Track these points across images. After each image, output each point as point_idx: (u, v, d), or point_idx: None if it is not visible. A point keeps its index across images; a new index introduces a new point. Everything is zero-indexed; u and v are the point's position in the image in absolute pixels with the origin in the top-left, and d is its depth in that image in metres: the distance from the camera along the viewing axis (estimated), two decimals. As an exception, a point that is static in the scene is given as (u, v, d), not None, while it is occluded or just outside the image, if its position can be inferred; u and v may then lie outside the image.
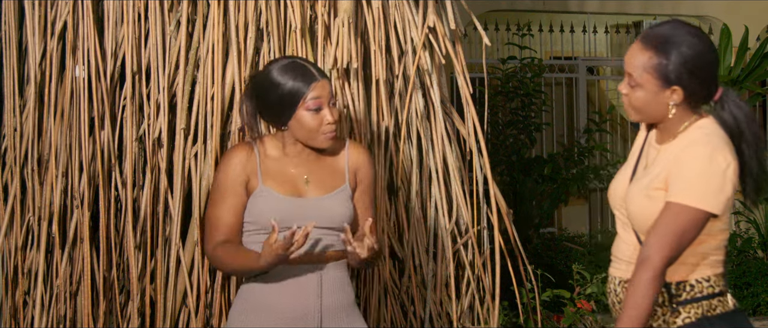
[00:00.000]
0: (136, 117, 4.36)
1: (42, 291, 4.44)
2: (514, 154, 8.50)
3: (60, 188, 4.40)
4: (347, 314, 3.34)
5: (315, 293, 3.26)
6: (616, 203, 2.94)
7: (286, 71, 3.24)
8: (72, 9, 4.38)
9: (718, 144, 2.74)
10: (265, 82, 3.25)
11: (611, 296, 2.95)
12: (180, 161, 4.28)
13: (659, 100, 2.78)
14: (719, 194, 2.71)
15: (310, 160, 3.31)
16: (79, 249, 4.36)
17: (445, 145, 4.64)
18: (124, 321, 4.36)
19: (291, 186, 3.26)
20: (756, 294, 7.02)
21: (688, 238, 2.72)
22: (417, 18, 4.53)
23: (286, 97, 3.21)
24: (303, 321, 3.25)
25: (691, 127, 2.80)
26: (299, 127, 3.23)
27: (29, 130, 4.48)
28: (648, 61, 2.76)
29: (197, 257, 4.23)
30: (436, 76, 4.61)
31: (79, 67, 4.38)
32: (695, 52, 2.74)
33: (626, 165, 2.99)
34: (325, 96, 3.22)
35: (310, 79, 3.22)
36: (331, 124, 3.23)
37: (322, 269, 3.28)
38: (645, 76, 2.77)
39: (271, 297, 3.25)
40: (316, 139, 3.25)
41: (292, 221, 3.17)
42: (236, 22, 4.23)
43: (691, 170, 2.71)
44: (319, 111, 3.22)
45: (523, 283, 4.89)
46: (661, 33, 2.77)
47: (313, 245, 3.24)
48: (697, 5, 10.52)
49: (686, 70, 2.73)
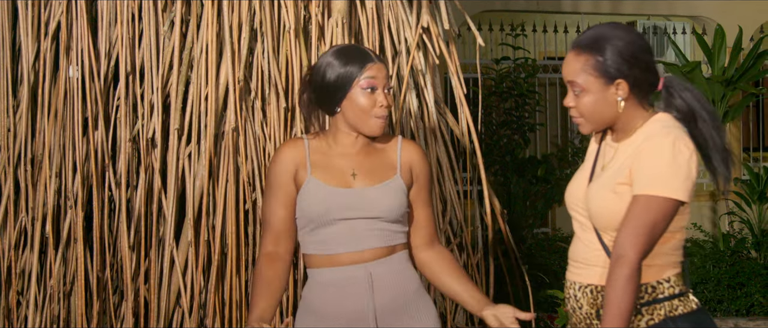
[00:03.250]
0: (130, 117, 4.36)
1: (35, 291, 4.43)
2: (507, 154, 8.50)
3: (53, 188, 4.40)
4: (408, 307, 3.24)
5: (366, 293, 3.18)
6: (574, 204, 2.93)
7: (342, 52, 3.22)
8: (66, 9, 4.38)
9: (679, 134, 2.77)
10: (322, 64, 3.21)
11: (570, 301, 2.92)
12: (174, 161, 4.28)
13: (607, 98, 2.82)
14: (686, 181, 2.73)
15: (360, 153, 3.25)
16: (73, 249, 4.35)
17: (438, 146, 4.64)
18: (117, 321, 4.36)
19: (338, 178, 3.20)
20: (750, 294, 7.03)
21: (659, 229, 2.73)
22: (411, 18, 4.53)
23: (341, 75, 3.16)
24: (356, 321, 3.18)
25: (648, 122, 2.83)
26: (352, 107, 3.17)
27: (23, 131, 4.48)
28: (585, 63, 2.80)
29: (191, 257, 4.23)
30: (429, 76, 4.61)
31: (73, 67, 4.38)
32: (627, 42, 2.78)
33: (583, 167, 3.00)
34: (380, 78, 3.18)
35: (366, 60, 3.18)
36: (384, 108, 3.18)
37: (372, 266, 3.19)
38: (587, 79, 2.81)
39: (322, 301, 3.19)
40: (367, 122, 3.18)
41: (336, 212, 3.14)
42: (230, 22, 4.23)
43: (655, 160, 2.73)
44: (373, 92, 3.17)
45: (516, 283, 4.89)
46: (589, 35, 2.83)
47: (360, 242, 3.18)
48: (691, 5, 10.54)
49: (624, 60, 2.78)
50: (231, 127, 4.23)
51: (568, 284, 2.95)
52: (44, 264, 4.49)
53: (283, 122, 4.27)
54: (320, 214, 3.16)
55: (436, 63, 4.60)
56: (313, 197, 3.18)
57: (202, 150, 4.25)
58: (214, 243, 4.26)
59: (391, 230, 3.21)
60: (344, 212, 3.15)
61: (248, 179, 4.27)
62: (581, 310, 2.88)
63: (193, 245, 4.23)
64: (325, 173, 3.21)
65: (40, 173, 4.45)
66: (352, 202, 3.17)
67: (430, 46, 4.54)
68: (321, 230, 3.17)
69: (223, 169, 4.26)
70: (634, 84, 2.80)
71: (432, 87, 4.63)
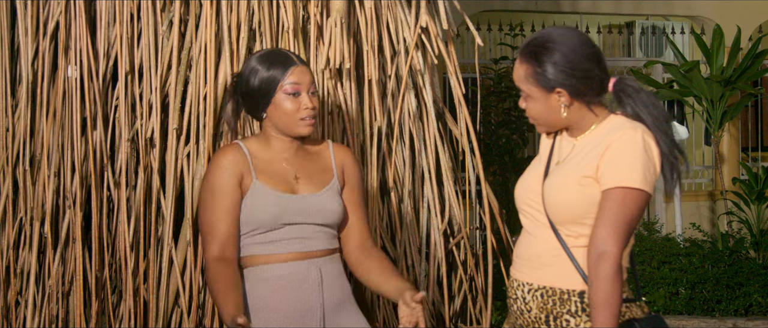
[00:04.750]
0: (129, 117, 4.36)
1: (34, 291, 4.43)
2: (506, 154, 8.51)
3: (52, 188, 4.40)
4: (346, 308, 3.34)
5: (316, 288, 3.25)
6: (528, 198, 2.91)
7: (265, 58, 3.27)
8: (64, 9, 4.38)
9: (643, 127, 2.78)
10: (245, 71, 3.28)
11: (517, 303, 2.89)
12: (172, 161, 4.28)
13: (550, 104, 2.84)
14: (653, 175, 2.74)
15: (298, 157, 3.31)
16: (72, 249, 4.35)
17: (437, 146, 4.64)
18: (116, 321, 4.36)
19: (283, 183, 3.26)
20: (748, 294, 7.03)
21: (635, 222, 2.72)
22: (409, 18, 4.53)
23: (265, 81, 3.22)
24: (306, 317, 3.24)
25: (606, 120, 2.84)
26: (277, 112, 3.23)
27: (21, 131, 4.48)
28: (526, 72, 2.84)
29: (189, 257, 4.23)
30: (428, 76, 4.61)
31: (72, 67, 4.37)
32: (565, 52, 2.79)
33: (536, 163, 2.99)
34: (304, 82, 3.23)
35: (289, 64, 3.24)
36: (310, 110, 3.22)
37: (321, 263, 3.28)
38: (529, 88, 2.85)
39: (272, 297, 3.23)
40: (295, 126, 3.23)
41: (287, 217, 3.18)
42: (228, 22, 4.23)
43: (627, 153, 2.73)
44: (297, 96, 3.22)
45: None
46: (533, 43, 2.85)
47: (308, 242, 3.25)
48: (689, 5, 10.54)
49: (560, 71, 2.79)
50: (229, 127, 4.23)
51: (515, 285, 2.91)
52: (43, 264, 4.49)
53: (281, 122, 4.27)
54: (271, 219, 3.20)
55: (435, 63, 4.60)
56: (262, 202, 3.21)
57: (201, 150, 4.25)
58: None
59: (333, 233, 3.32)
60: (294, 217, 3.21)
61: (247, 178, 4.27)
62: (529, 313, 2.84)
63: (191, 244, 4.23)
64: (270, 177, 3.25)
65: (38, 172, 4.45)
66: (301, 208, 3.24)
67: (429, 46, 4.54)
68: (269, 233, 3.22)
69: (221, 169, 4.26)
70: (574, 92, 2.81)
71: (430, 87, 4.63)
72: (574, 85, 2.80)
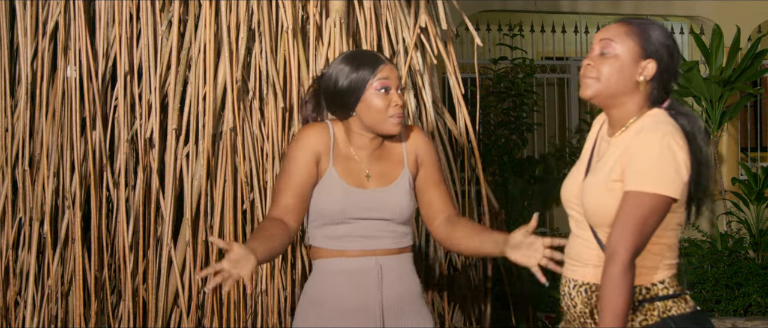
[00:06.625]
0: (128, 117, 4.36)
1: (33, 292, 4.43)
2: (505, 154, 8.50)
3: (51, 188, 4.40)
4: (412, 308, 3.31)
5: (376, 287, 3.24)
6: (570, 201, 2.93)
7: (352, 58, 3.28)
8: (63, 9, 4.38)
9: (669, 130, 2.75)
10: (333, 72, 3.27)
11: (565, 299, 2.92)
12: (171, 162, 4.28)
13: (630, 71, 2.81)
14: (675, 176, 2.71)
15: (374, 156, 3.31)
16: (71, 249, 4.35)
17: (436, 146, 4.64)
18: (115, 321, 4.36)
19: (354, 177, 3.26)
20: (747, 294, 7.02)
21: (651, 226, 2.71)
22: (408, 18, 4.53)
23: (354, 80, 3.22)
24: (364, 314, 3.23)
25: (642, 117, 2.82)
26: (367, 109, 3.23)
27: (20, 131, 4.48)
28: (629, 30, 2.82)
29: (189, 257, 4.23)
30: (427, 76, 4.61)
31: (71, 67, 4.37)
32: (669, 35, 2.83)
33: (579, 163, 2.99)
34: (393, 79, 3.24)
35: (378, 63, 3.25)
36: (399, 107, 3.23)
37: (383, 262, 3.26)
38: (626, 44, 2.80)
39: (330, 291, 3.24)
40: (384, 123, 3.23)
41: (352, 212, 3.20)
42: (228, 22, 4.23)
43: (643, 156, 2.72)
44: (387, 92, 3.22)
45: (514, 283, 4.89)
46: (639, 20, 2.87)
47: (372, 241, 3.24)
48: (689, 5, 10.54)
49: (663, 45, 2.80)
50: (229, 127, 4.23)
51: (563, 281, 2.95)
52: (42, 264, 4.49)
53: (280, 122, 4.27)
54: (336, 212, 3.22)
55: (434, 63, 4.60)
56: (331, 194, 3.22)
57: (200, 150, 4.25)
58: (212, 243, 4.26)
59: (401, 231, 3.29)
60: (360, 212, 3.22)
61: (246, 179, 4.28)
62: (575, 308, 2.88)
63: (191, 245, 4.23)
64: (344, 168, 3.26)
65: (37, 172, 4.45)
66: (368, 203, 3.24)
67: (428, 47, 4.54)
68: (333, 226, 3.22)
69: (220, 169, 4.26)
70: (660, 72, 2.80)
71: (430, 87, 4.63)
72: (666, 64, 2.80)
